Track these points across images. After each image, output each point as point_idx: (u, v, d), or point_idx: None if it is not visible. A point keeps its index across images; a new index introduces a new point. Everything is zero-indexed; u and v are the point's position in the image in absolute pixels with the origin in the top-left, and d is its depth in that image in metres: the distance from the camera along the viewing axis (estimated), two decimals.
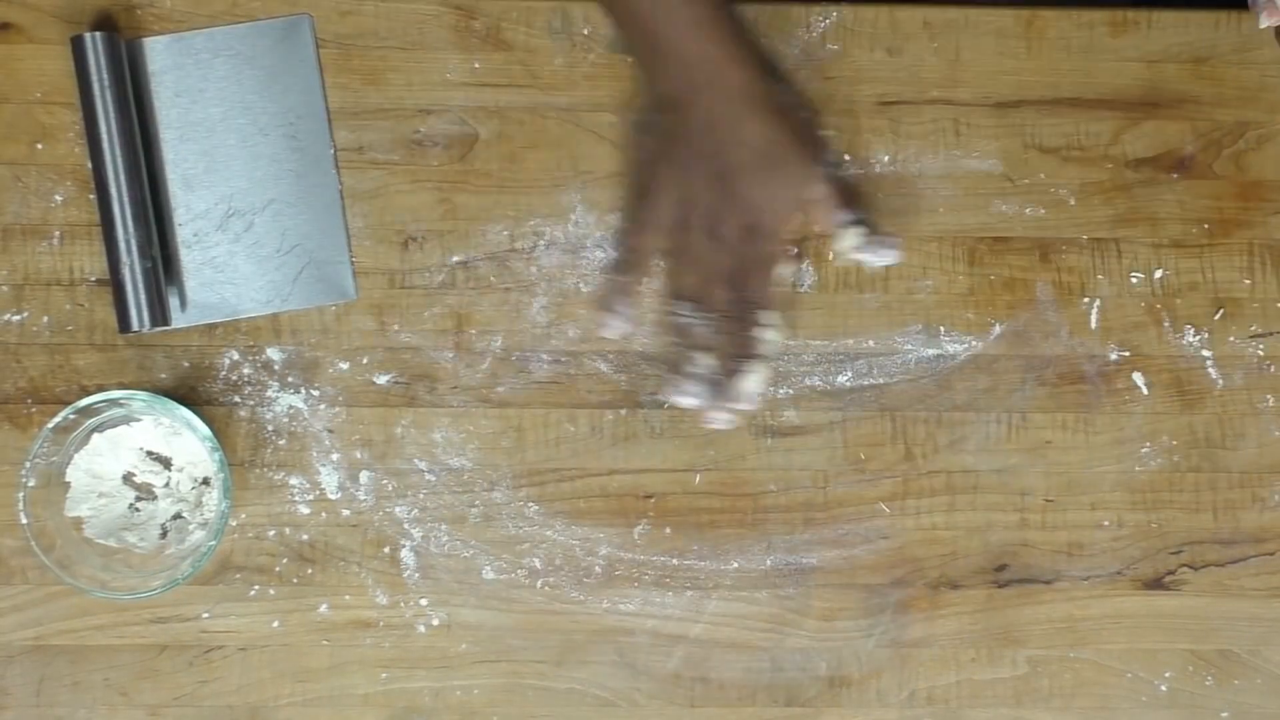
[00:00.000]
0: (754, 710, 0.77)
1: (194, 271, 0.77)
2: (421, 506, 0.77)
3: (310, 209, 0.77)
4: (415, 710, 0.77)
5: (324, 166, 0.78)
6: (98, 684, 0.76)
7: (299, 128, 0.78)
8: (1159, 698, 0.78)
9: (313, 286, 0.77)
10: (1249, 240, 0.80)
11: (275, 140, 0.77)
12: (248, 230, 0.77)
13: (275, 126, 0.77)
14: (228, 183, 0.77)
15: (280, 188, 0.77)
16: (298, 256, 0.77)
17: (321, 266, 0.77)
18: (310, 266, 0.76)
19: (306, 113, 0.78)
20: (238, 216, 0.77)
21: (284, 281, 0.77)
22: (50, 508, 0.74)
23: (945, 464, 0.79)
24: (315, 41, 0.77)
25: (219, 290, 0.77)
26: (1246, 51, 0.81)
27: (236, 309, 0.77)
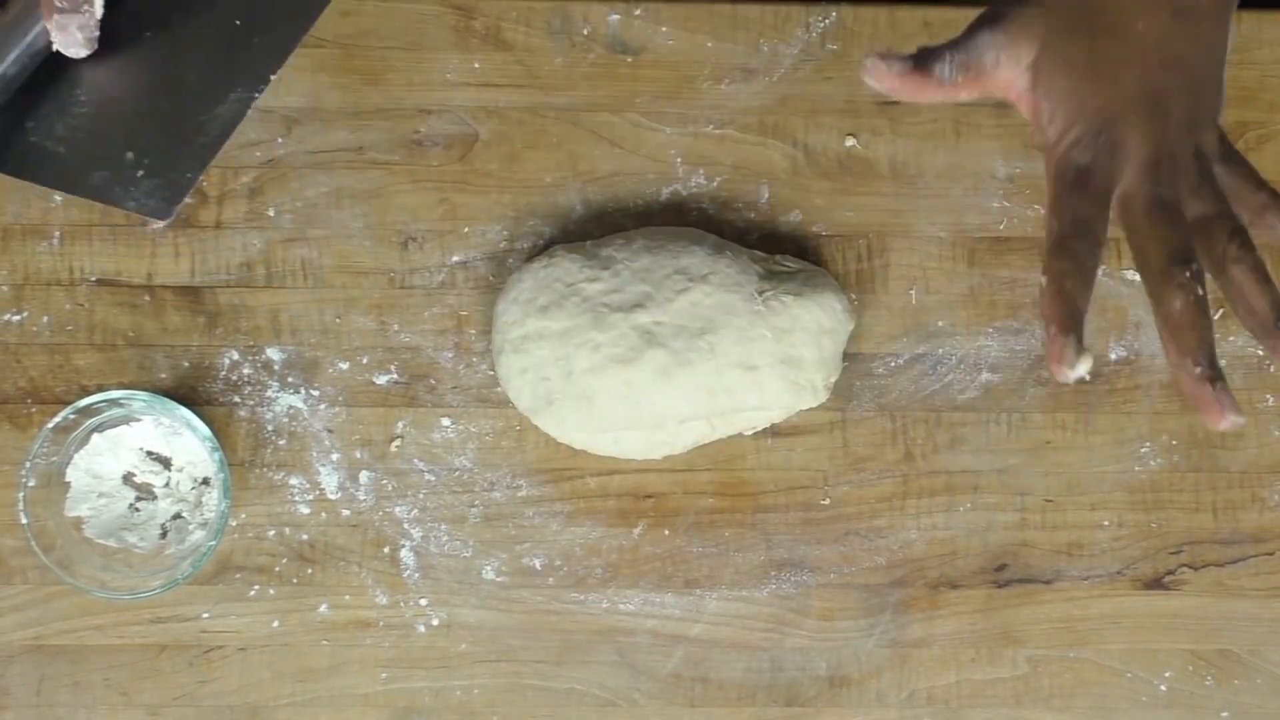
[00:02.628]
0: (754, 710, 0.77)
1: (35, 124, 0.65)
2: (421, 506, 0.77)
3: (193, 121, 0.64)
4: (415, 710, 0.77)
5: (238, 100, 0.65)
6: (98, 684, 0.76)
7: (261, 46, 0.67)
8: (1159, 698, 0.78)
9: (132, 194, 0.64)
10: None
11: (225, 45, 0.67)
12: (116, 114, 0.65)
13: (239, 33, 0.67)
14: (147, 60, 0.67)
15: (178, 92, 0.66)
16: (145, 162, 0.64)
17: (159, 178, 0.63)
18: (149, 176, 0.63)
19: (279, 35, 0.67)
20: (126, 93, 0.65)
21: (116, 175, 0.64)
22: (50, 508, 0.74)
23: (945, 464, 0.79)
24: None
25: (46, 152, 0.65)
26: (1246, 51, 0.81)
27: (46, 179, 0.66)
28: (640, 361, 0.73)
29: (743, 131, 0.80)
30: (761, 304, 0.74)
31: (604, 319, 0.73)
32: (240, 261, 0.78)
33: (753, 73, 0.80)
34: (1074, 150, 0.55)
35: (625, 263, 0.75)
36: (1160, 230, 0.53)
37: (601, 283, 0.74)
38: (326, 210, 0.79)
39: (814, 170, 0.80)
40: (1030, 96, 0.57)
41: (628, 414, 0.73)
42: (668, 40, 0.80)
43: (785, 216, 0.80)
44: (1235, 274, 0.54)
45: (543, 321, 0.74)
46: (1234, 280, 0.54)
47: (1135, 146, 0.55)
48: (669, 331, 0.73)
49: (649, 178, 0.80)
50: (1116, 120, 0.55)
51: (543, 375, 0.73)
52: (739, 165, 0.80)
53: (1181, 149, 0.55)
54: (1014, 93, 0.58)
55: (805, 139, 0.80)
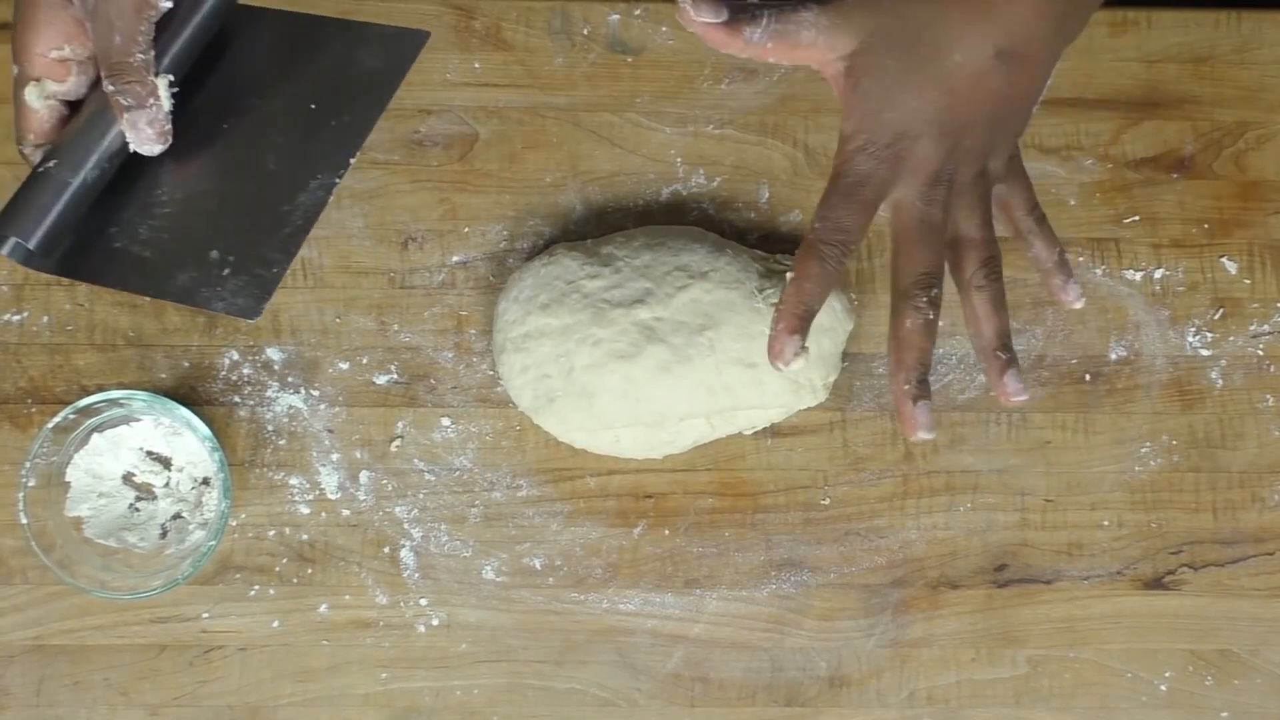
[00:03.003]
0: (754, 710, 0.77)
1: (118, 230, 0.64)
2: (421, 506, 0.77)
3: (277, 212, 0.64)
4: (415, 710, 0.77)
5: (320, 187, 0.64)
6: (98, 684, 0.76)
7: (339, 129, 0.65)
8: (1159, 698, 0.78)
9: (219, 294, 0.62)
10: (1249, 240, 0.81)
11: (303, 130, 0.66)
12: (198, 211, 0.64)
13: (316, 116, 0.65)
14: (225, 154, 0.65)
15: (260, 183, 0.64)
16: (230, 260, 0.63)
17: (246, 275, 0.62)
18: (235, 273, 0.62)
19: (355, 117, 0.65)
20: (208, 190, 0.64)
21: (202, 277, 0.62)
22: (50, 508, 0.74)
23: (945, 464, 0.79)
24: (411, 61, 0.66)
25: (131, 257, 0.63)
26: (1246, 51, 0.81)
27: (132, 284, 0.64)
28: (641, 357, 0.73)
29: (743, 131, 0.80)
30: (762, 301, 0.74)
31: (604, 315, 0.73)
32: None
33: (753, 73, 0.80)
34: (859, 156, 0.57)
35: (626, 260, 0.75)
36: (915, 252, 0.56)
37: (602, 279, 0.74)
38: (326, 210, 0.78)
39: (814, 170, 0.80)
40: (842, 85, 0.58)
41: (628, 411, 0.73)
42: (668, 40, 0.80)
43: (785, 216, 0.80)
44: (975, 299, 0.58)
45: (544, 319, 0.74)
46: (972, 304, 0.59)
47: (918, 164, 0.56)
48: (669, 327, 0.73)
49: (649, 178, 0.80)
50: (907, 136, 0.56)
51: (544, 373, 0.73)
52: (739, 165, 0.80)
53: (965, 172, 0.57)
54: (829, 74, 0.59)
55: (805, 139, 0.80)
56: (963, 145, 0.57)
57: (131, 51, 0.61)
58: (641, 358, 0.73)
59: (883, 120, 0.56)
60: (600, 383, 0.73)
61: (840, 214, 0.56)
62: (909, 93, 0.56)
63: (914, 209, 0.57)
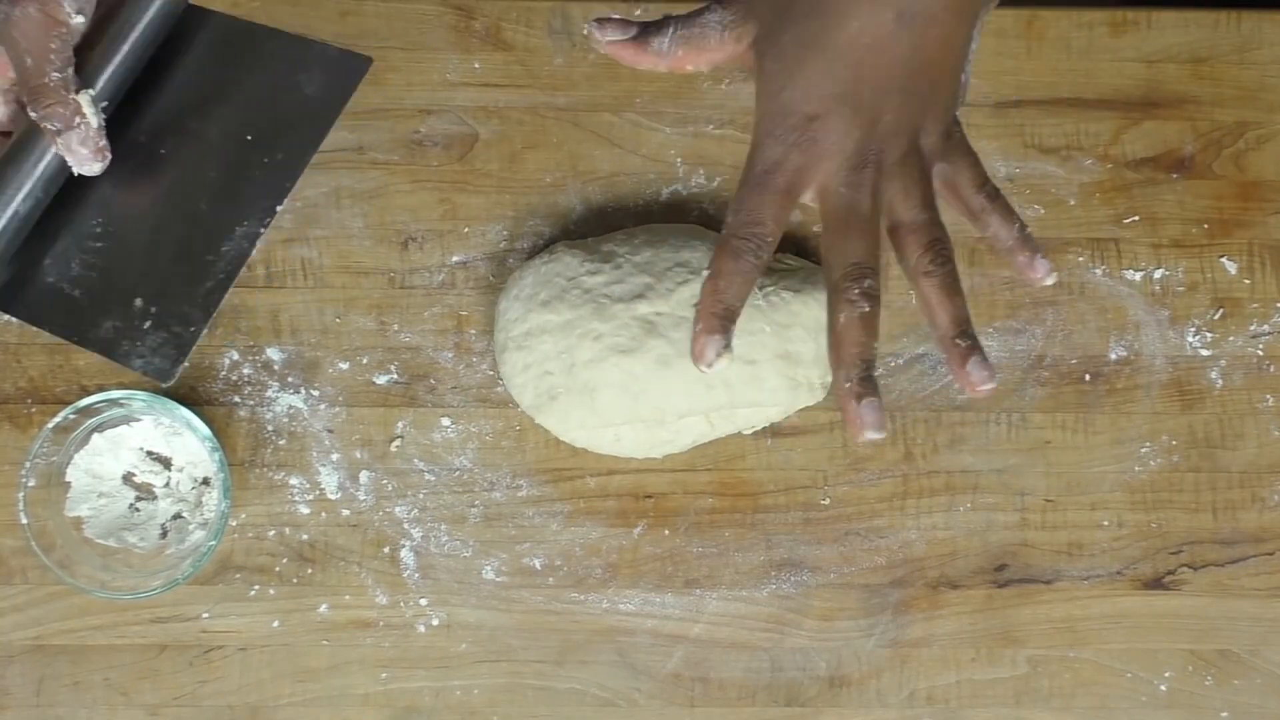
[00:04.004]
0: (754, 710, 0.77)
1: (54, 263, 0.64)
2: (421, 506, 0.77)
3: (201, 261, 0.62)
4: (415, 710, 0.77)
5: (245, 236, 0.63)
6: (98, 684, 0.76)
7: (271, 167, 0.64)
8: (1159, 698, 0.78)
9: (138, 350, 0.62)
10: (1249, 240, 0.81)
11: (236, 165, 0.65)
12: (128, 251, 0.63)
13: (251, 151, 0.64)
14: (159, 184, 0.64)
15: (189, 225, 0.64)
16: (153, 311, 0.63)
17: (165, 332, 0.62)
18: (155, 329, 0.62)
19: (289, 154, 0.64)
20: (139, 227, 0.63)
21: (124, 327, 0.62)
22: (50, 508, 0.74)
23: (945, 464, 0.79)
24: (352, 90, 0.65)
25: (62, 296, 0.63)
26: (1246, 51, 0.81)
27: (61, 327, 0.64)
28: (641, 352, 0.73)
29: (743, 131, 0.80)
30: (761, 299, 0.74)
31: (605, 310, 0.73)
32: None
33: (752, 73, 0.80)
34: (766, 141, 0.54)
35: (626, 256, 0.75)
36: (843, 241, 0.53)
37: (603, 275, 0.74)
38: (326, 210, 0.79)
39: None
40: (756, 72, 0.56)
41: (629, 408, 0.73)
42: None
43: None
44: (924, 286, 0.54)
45: (545, 315, 0.74)
46: (923, 292, 0.54)
47: (834, 145, 0.53)
48: (670, 322, 0.73)
49: (649, 178, 0.80)
50: (818, 117, 0.53)
51: (545, 370, 0.73)
52: (739, 165, 0.79)
53: (891, 151, 0.54)
54: (749, 69, 0.57)
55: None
56: (882, 121, 0.53)
57: (46, 72, 0.60)
58: (641, 352, 0.73)
59: (785, 101, 0.53)
60: (601, 378, 0.73)
61: (752, 205, 0.53)
62: (809, 69, 0.53)
63: (839, 195, 0.53)
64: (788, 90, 0.53)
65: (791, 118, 0.53)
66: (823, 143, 0.53)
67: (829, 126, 0.53)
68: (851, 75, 0.53)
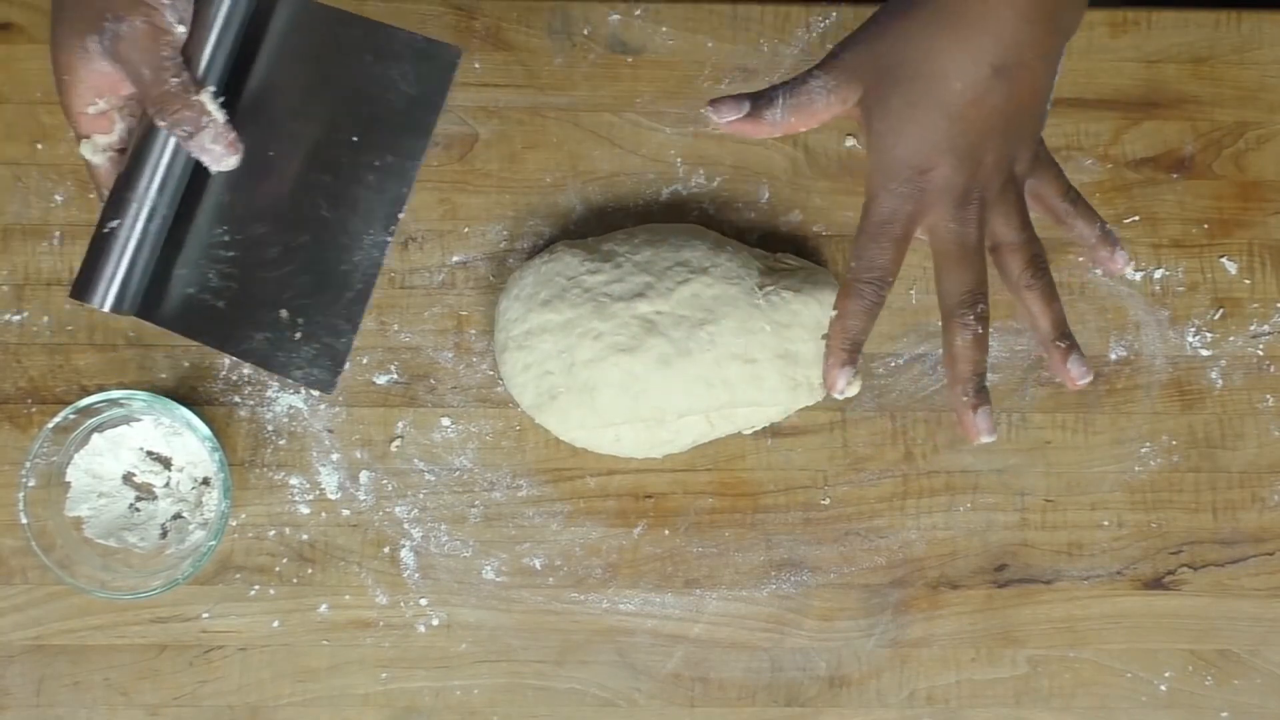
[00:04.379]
0: (754, 710, 0.77)
1: (189, 272, 0.64)
2: (421, 506, 0.77)
3: (337, 272, 0.62)
4: (415, 710, 0.77)
5: (374, 245, 0.62)
6: (98, 684, 0.76)
7: (384, 171, 0.62)
8: (1159, 698, 0.78)
9: (295, 361, 0.63)
10: (1249, 240, 0.81)
11: (350, 168, 0.63)
12: (262, 260, 0.63)
13: (361, 153, 0.62)
14: (276, 189, 0.64)
15: (315, 233, 0.63)
16: (300, 323, 0.63)
17: (318, 343, 0.62)
18: (307, 340, 0.62)
19: (400, 157, 0.63)
20: (267, 235, 0.63)
21: (276, 339, 0.62)
22: (50, 508, 0.74)
23: (945, 464, 0.79)
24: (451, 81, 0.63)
25: (205, 306, 0.64)
26: (1246, 51, 0.81)
27: (210, 337, 0.64)
28: (641, 350, 0.73)
29: None
30: (762, 298, 0.74)
31: (605, 308, 0.73)
32: None
33: (753, 73, 0.80)
34: (881, 195, 0.59)
35: (627, 255, 0.75)
36: (957, 272, 0.59)
37: (603, 275, 0.74)
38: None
39: (814, 170, 0.80)
40: (864, 130, 0.60)
41: (629, 407, 0.73)
42: (668, 40, 0.80)
43: (785, 216, 0.80)
44: (1027, 297, 0.62)
45: (545, 315, 0.74)
46: (1025, 302, 0.62)
47: (942, 192, 0.58)
48: (670, 321, 0.73)
49: (649, 178, 0.80)
50: (928, 170, 0.58)
51: (546, 370, 0.73)
52: (739, 165, 0.80)
53: (993, 186, 0.59)
54: (857, 123, 0.61)
55: (805, 139, 0.80)
56: (984, 164, 0.58)
57: (165, 80, 0.61)
58: (641, 350, 0.73)
59: (897, 158, 0.58)
60: (601, 376, 0.73)
61: (872, 253, 0.59)
62: (918, 127, 0.58)
63: (950, 231, 0.59)
64: (899, 148, 0.58)
65: (904, 172, 0.58)
66: (932, 191, 0.58)
67: (938, 176, 0.58)
68: (957, 129, 0.58)
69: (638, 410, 0.73)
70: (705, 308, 0.73)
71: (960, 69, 0.57)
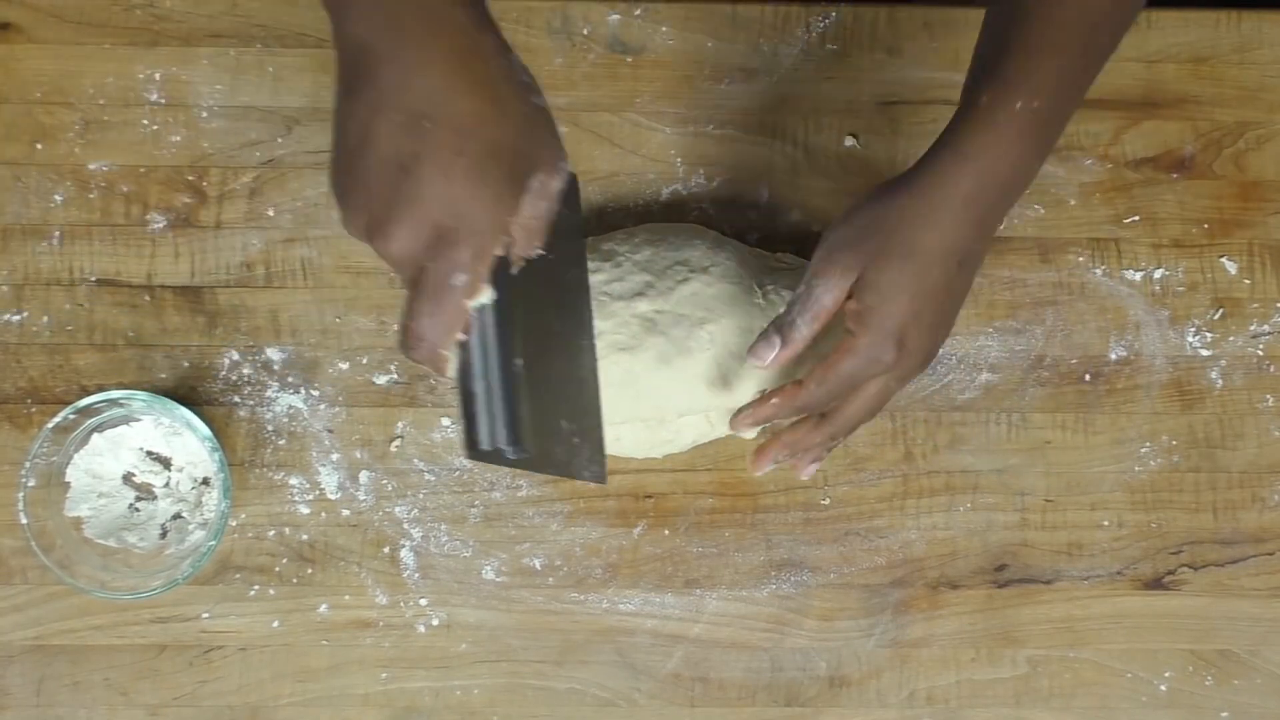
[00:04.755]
0: (754, 710, 0.77)
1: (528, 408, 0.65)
2: (421, 506, 0.77)
3: (575, 378, 0.64)
4: (415, 710, 0.77)
5: (586, 349, 0.63)
6: (98, 684, 0.76)
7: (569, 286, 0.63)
8: (1159, 698, 0.78)
9: (578, 461, 0.64)
10: (1249, 240, 0.81)
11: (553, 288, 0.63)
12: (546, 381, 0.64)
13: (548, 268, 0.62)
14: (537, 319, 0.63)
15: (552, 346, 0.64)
16: (574, 428, 0.64)
17: (585, 441, 0.64)
18: (582, 441, 0.64)
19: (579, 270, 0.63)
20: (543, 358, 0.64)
21: (565, 448, 0.63)
22: (50, 508, 0.74)
23: (945, 464, 0.79)
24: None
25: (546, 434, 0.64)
26: (1246, 51, 0.81)
27: (532, 464, 0.64)
28: (641, 349, 0.72)
29: (743, 131, 0.80)
30: (761, 298, 0.74)
31: (605, 307, 0.73)
32: (240, 261, 0.78)
33: (753, 73, 0.80)
34: (863, 353, 0.65)
35: (627, 255, 0.75)
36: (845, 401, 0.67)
37: (603, 274, 0.74)
38: (326, 210, 0.79)
39: (814, 170, 0.80)
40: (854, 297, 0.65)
41: (628, 406, 0.73)
42: (668, 40, 0.80)
43: (785, 216, 0.80)
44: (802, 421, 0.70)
45: None
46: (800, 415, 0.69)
47: (911, 364, 0.66)
48: (670, 320, 0.73)
49: (649, 178, 0.80)
50: (904, 341, 0.64)
51: None
52: (739, 165, 0.80)
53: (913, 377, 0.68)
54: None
55: (805, 139, 0.80)
56: (937, 343, 0.67)
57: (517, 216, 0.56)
58: (641, 349, 0.73)
59: (885, 330, 0.64)
60: (601, 375, 0.73)
61: (829, 390, 0.66)
62: (902, 306, 0.64)
63: (887, 388, 0.67)
64: (888, 322, 0.64)
65: (888, 341, 0.64)
66: (901, 360, 0.65)
67: (911, 349, 0.65)
68: (930, 309, 0.65)
69: (638, 409, 0.73)
70: (705, 307, 0.73)
71: (937, 259, 0.63)
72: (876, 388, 0.67)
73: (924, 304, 0.64)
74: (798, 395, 0.67)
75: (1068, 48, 0.64)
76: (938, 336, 0.66)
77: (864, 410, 0.68)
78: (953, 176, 0.63)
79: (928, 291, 0.64)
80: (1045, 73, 0.63)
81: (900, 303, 0.64)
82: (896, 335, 0.64)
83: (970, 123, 0.63)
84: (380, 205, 0.52)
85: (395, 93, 0.51)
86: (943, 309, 0.65)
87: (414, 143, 0.51)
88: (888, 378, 0.66)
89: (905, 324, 0.64)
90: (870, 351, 0.64)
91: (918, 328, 0.64)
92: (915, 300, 0.64)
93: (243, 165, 0.78)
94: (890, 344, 0.64)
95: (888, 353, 0.64)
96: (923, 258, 0.63)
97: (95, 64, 0.79)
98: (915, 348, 0.65)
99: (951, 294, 0.65)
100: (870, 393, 0.67)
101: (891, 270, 0.63)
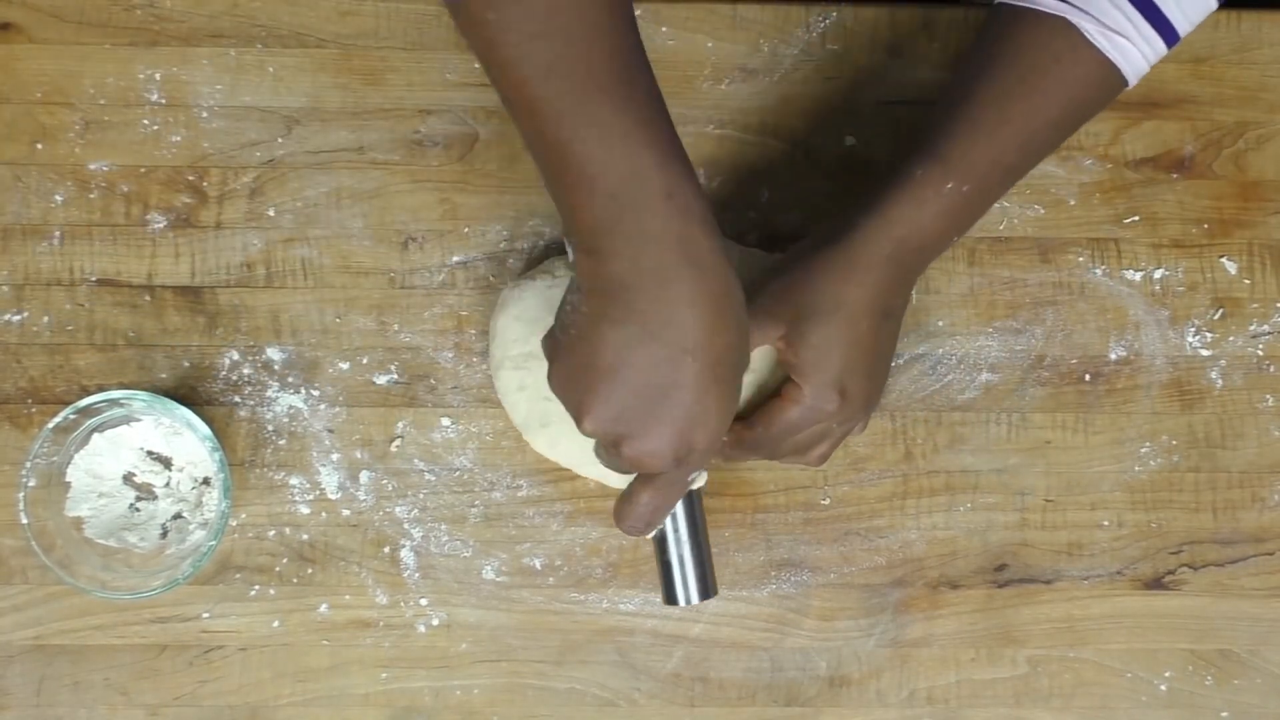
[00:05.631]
0: (754, 710, 0.77)
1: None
2: (421, 506, 0.77)
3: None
4: (415, 710, 0.77)
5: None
6: (98, 684, 0.76)
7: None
8: (1159, 698, 0.78)
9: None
10: (1249, 240, 0.81)
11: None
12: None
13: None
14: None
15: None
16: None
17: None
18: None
19: None
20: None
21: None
22: (50, 508, 0.74)
23: (945, 464, 0.79)
24: None
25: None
26: (1246, 51, 0.81)
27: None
28: None
29: (743, 131, 0.80)
30: None
31: None
32: (240, 261, 0.78)
33: (753, 73, 0.80)
34: (805, 404, 0.67)
35: None
36: (789, 451, 0.70)
37: None
38: (326, 210, 0.79)
39: (814, 170, 0.80)
40: (789, 352, 0.68)
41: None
42: (668, 40, 0.80)
43: (785, 216, 0.80)
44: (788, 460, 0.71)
45: None
46: (784, 461, 0.71)
47: (850, 413, 0.69)
48: None
49: None
50: (844, 391, 0.67)
51: (542, 395, 0.72)
52: (739, 165, 0.80)
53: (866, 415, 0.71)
54: (780, 350, 0.68)
55: (805, 139, 0.80)
56: (875, 393, 0.70)
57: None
58: None
59: (823, 382, 0.67)
60: None
61: (770, 449, 0.69)
62: (834, 358, 0.67)
63: (827, 440, 0.69)
64: (824, 373, 0.67)
65: (826, 393, 0.67)
66: (843, 409, 0.68)
67: (851, 399, 0.68)
68: (862, 361, 0.68)
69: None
70: None
71: (863, 312, 0.67)
72: (820, 432, 0.69)
73: (857, 354, 0.67)
74: (744, 437, 0.69)
75: (1009, 144, 0.68)
76: (875, 384, 0.70)
77: (803, 449, 0.70)
78: (875, 238, 0.67)
79: (858, 341, 0.67)
80: (982, 164, 0.68)
81: (835, 353, 0.67)
82: (837, 385, 0.67)
83: (899, 191, 0.67)
84: (637, 422, 0.59)
85: (660, 328, 0.57)
86: (874, 358, 0.69)
87: (675, 373, 0.57)
88: (828, 424, 0.69)
89: (842, 373, 0.67)
90: (814, 400, 0.67)
91: (854, 376, 0.68)
92: (849, 350, 0.67)
93: (243, 165, 0.78)
94: (833, 392, 0.67)
95: (830, 401, 0.67)
96: (849, 310, 0.67)
97: (95, 64, 0.79)
98: (855, 394, 0.68)
99: (879, 344, 0.69)
100: (814, 434, 0.69)
101: (822, 324, 0.67)
